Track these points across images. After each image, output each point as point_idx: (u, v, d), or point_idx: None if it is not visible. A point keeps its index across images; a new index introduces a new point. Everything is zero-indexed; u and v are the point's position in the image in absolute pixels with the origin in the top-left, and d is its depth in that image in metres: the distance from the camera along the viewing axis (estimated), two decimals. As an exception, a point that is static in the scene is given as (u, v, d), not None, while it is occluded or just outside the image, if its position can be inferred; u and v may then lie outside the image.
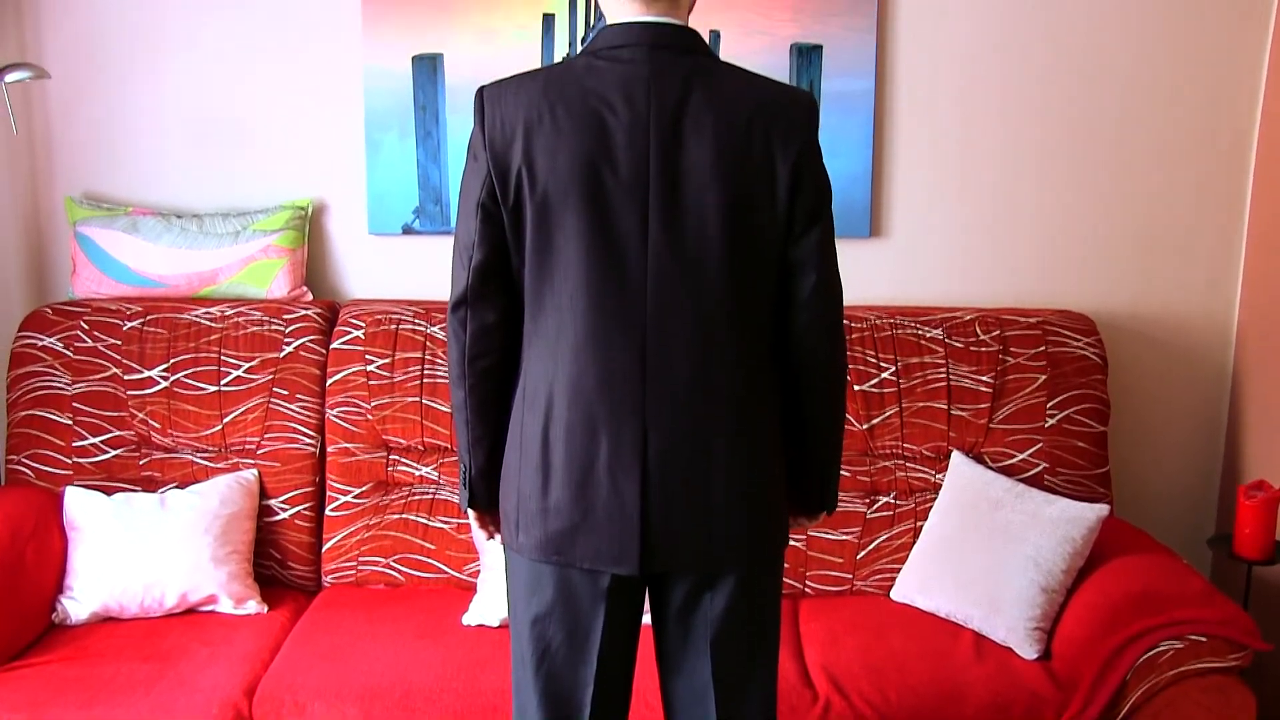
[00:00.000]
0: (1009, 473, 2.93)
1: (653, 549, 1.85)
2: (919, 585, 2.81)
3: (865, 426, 2.96)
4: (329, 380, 2.99)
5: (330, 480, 2.97)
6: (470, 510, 2.03)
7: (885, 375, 2.97)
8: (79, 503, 2.83)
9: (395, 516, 2.93)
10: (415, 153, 3.18)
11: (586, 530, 1.85)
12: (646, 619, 2.01)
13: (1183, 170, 3.17)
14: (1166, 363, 3.24)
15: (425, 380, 2.95)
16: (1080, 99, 3.14)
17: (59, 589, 2.76)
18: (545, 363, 1.86)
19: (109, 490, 2.90)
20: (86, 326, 3.01)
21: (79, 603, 2.73)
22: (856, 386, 2.95)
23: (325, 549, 2.95)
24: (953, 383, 2.96)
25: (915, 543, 2.88)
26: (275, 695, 2.46)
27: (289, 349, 3.00)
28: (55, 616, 2.73)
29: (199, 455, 2.98)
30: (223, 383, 2.98)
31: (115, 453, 2.97)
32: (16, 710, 2.38)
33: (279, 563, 2.95)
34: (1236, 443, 3.21)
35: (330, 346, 3.01)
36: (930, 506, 2.91)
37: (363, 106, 3.17)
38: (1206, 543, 3.05)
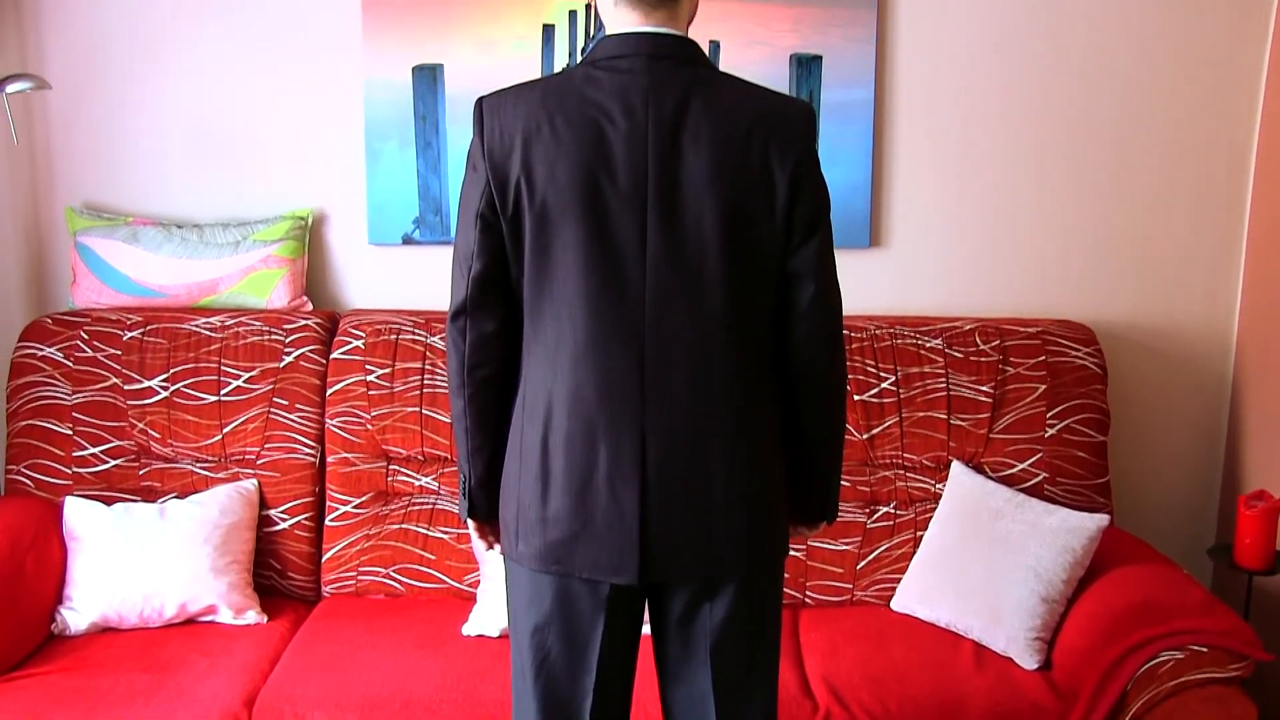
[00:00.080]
0: (1009, 483, 2.93)
1: (652, 558, 1.84)
2: (919, 595, 2.81)
3: (865, 436, 2.96)
4: (329, 390, 2.99)
5: (330, 490, 2.97)
6: (470, 520, 2.03)
7: (885, 385, 2.97)
8: (79, 513, 2.83)
9: (395, 526, 2.93)
10: (415, 163, 3.19)
11: (586, 540, 1.84)
12: (646, 629, 2.00)
13: (1182, 180, 3.17)
14: (1166, 372, 3.24)
15: (425, 390, 2.95)
16: (1079, 107, 3.15)
17: (58, 599, 2.75)
18: (544, 372, 1.86)
19: (109, 500, 2.90)
20: (86, 336, 3.01)
21: (78, 613, 2.73)
22: (856, 396, 2.95)
23: (325, 559, 2.95)
24: (953, 393, 2.97)
25: (915, 553, 2.88)
26: (275, 706, 2.45)
27: (289, 359, 3.00)
28: (54, 627, 2.72)
29: (199, 465, 2.98)
30: (223, 393, 2.98)
31: (115, 463, 2.97)
32: (15, 721, 2.38)
33: (279, 573, 2.95)
34: (1236, 452, 3.21)
35: (330, 356, 3.01)
36: (930, 516, 2.91)
37: (363, 117, 3.18)
38: (1207, 553, 3.04)
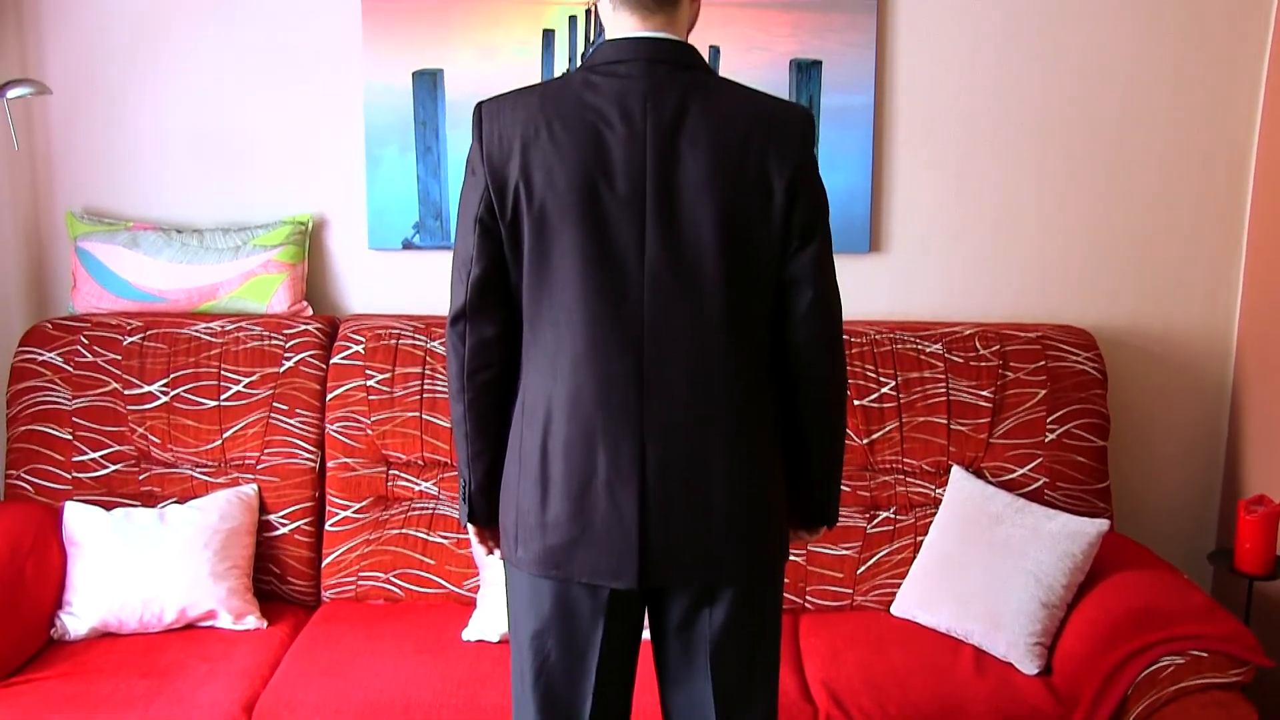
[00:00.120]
0: (1009, 487, 2.92)
1: (651, 563, 1.84)
2: (919, 600, 2.81)
3: (865, 441, 2.95)
4: (329, 395, 2.98)
5: (330, 495, 2.97)
6: (470, 525, 2.03)
7: (885, 390, 2.97)
8: (78, 518, 2.83)
9: (395, 531, 2.93)
10: (415, 168, 3.19)
11: (585, 544, 1.84)
12: (647, 634, 2.00)
13: (1181, 184, 3.17)
14: (1166, 377, 3.24)
15: (425, 395, 2.95)
16: (1078, 112, 3.15)
17: (58, 604, 2.75)
18: (544, 376, 1.86)
19: (108, 505, 2.90)
20: (86, 341, 3.01)
21: (78, 618, 2.72)
22: (856, 401, 2.95)
23: (325, 564, 2.94)
24: (953, 397, 2.96)
25: (915, 558, 2.88)
26: (274, 711, 2.45)
27: (289, 364, 3.00)
28: (54, 632, 2.72)
29: (199, 470, 2.98)
30: (222, 398, 2.98)
31: (115, 468, 2.97)
32: (15, 726, 2.38)
33: (278, 578, 2.95)
34: (1237, 457, 3.20)
35: (330, 361, 3.01)
36: (930, 521, 2.90)
37: (363, 122, 3.18)
38: (1207, 558, 3.04)
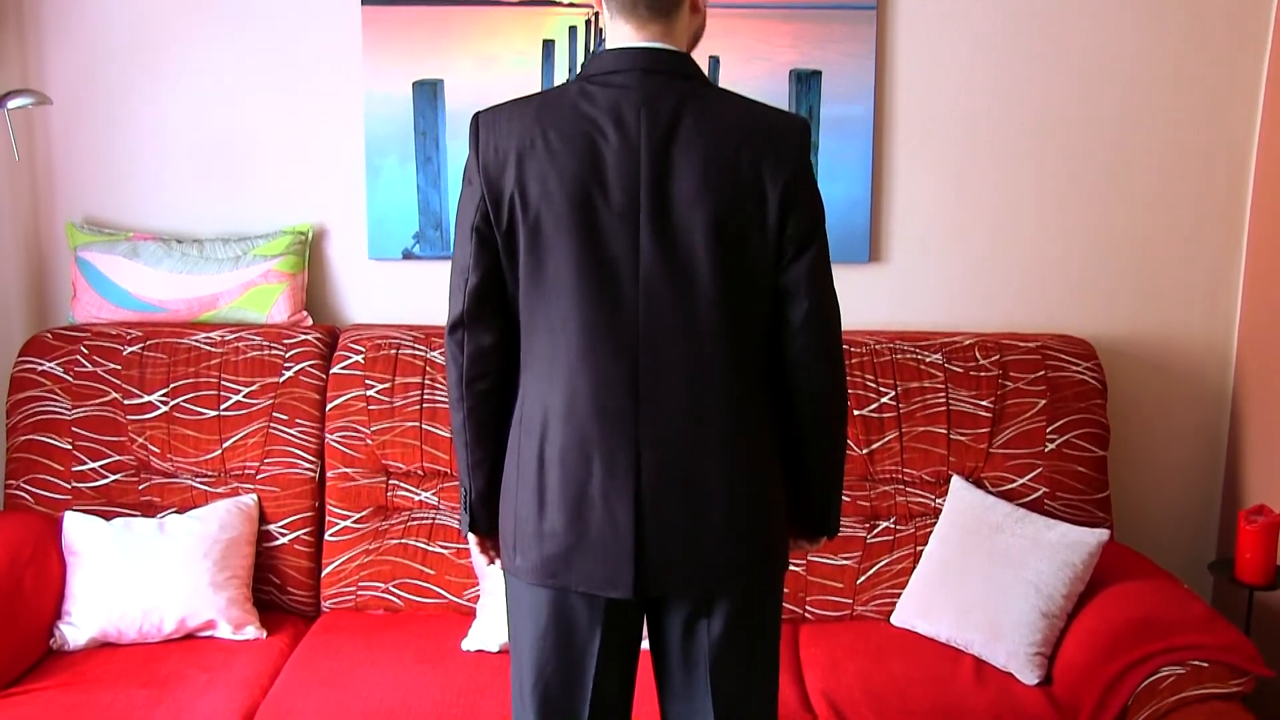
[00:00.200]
0: (1009, 497, 2.92)
1: (648, 573, 1.84)
2: (919, 610, 2.80)
3: (865, 451, 2.95)
4: (329, 405, 2.99)
5: (330, 505, 2.97)
6: (471, 535, 2.03)
7: (885, 400, 2.97)
8: (78, 527, 2.83)
9: (395, 541, 2.93)
10: (415, 178, 3.19)
11: (581, 553, 1.84)
12: (646, 644, 2.00)
13: (1180, 193, 3.18)
14: (1166, 387, 3.24)
15: (425, 405, 2.95)
16: (1077, 122, 3.15)
17: (57, 614, 2.75)
18: (540, 385, 1.86)
19: (108, 515, 2.90)
20: (86, 351, 3.01)
21: (77, 628, 2.72)
22: (856, 411, 2.95)
23: (324, 574, 2.94)
24: (952, 407, 2.97)
25: (915, 568, 2.87)
26: (274, 721, 2.45)
27: (289, 374, 3.00)
28: (53, 642, 2.72)
29: (198, 480, 2.98)
30: (222, 407, 2.98)
31: (114, 477, 2.97)
32: (14, 737, 2.38)
33: (278, 588, 2.94)
34: (1237, 467, 3.20)
35: (330, 371, 3.01)
36: (930, 531, 2.90)
37: (363, 132, 3.18)
38: (1207, 567, 3.04)
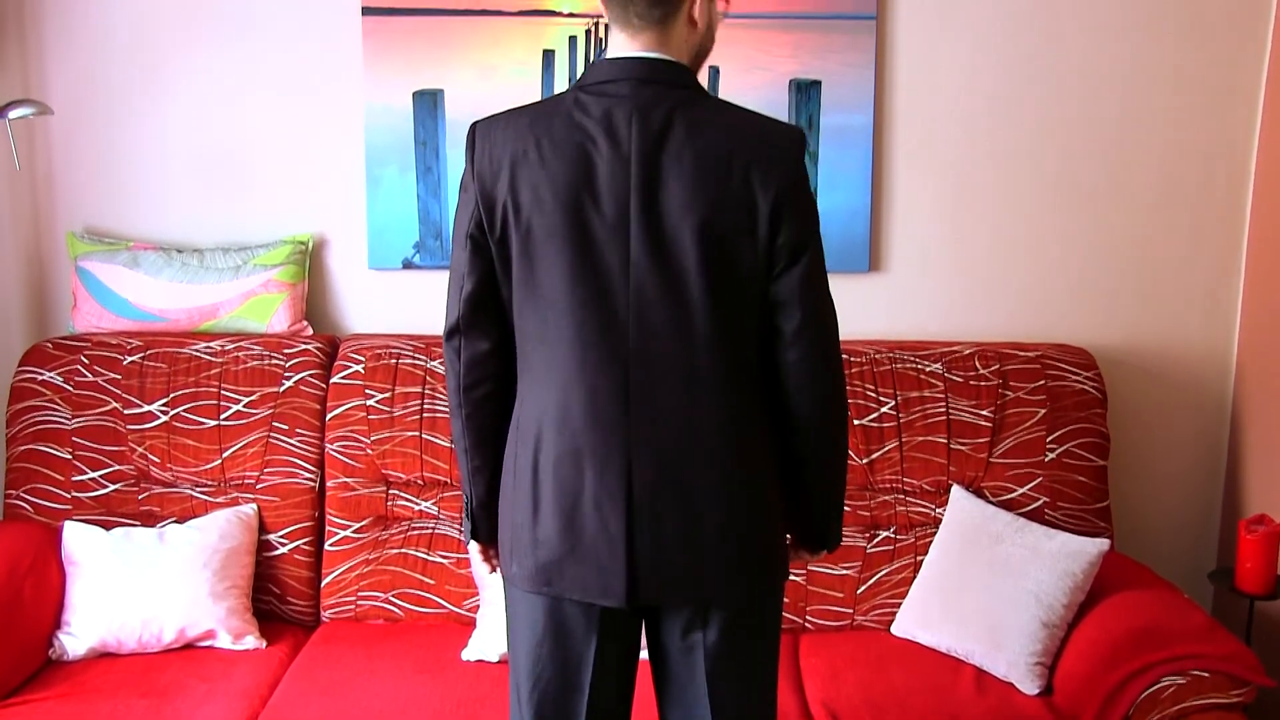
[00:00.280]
0: (1009, 507, 2.92)
1: (641, 581, 1.84)
2: (920, 620, 2.80)
3: (865, 461, 2.95)
4: (329, 415, 2.98)
5: (329, 515, 2.96)
6: (472, 542, 2.03)
7: (885, 410, 2.97)
8: (77, 537, 2.83)
9: (394, 551, 2.93)
10: (415, 188, 3.20)
11: (575, 561, 1.84)
12: (645, 653, 2.00)
13: (1180, 202, 3.18)
14: (1166, 396, 3.24)
15: (425, 415, 2.95)
16: (1077, 131, 3.16)
17: (56, 624, 2.74)
18: (535, 393, 1.87)
19: (108, 525, 2.89)
20: (86, 361, 3.01)
21: (76, 638, 2.72)
22: (856, 421, 2.95)
23: (324, 584, 2.94)
24: (952, 417, 2.96)
25: (916, 577, 2.87)
26: (273, 732, 2.45)
27: (289, 383, 3.00)
28: (52, 652, 2.71)
29: (198, 490, 2.98)
30: (222, 417, 2.97)
31: (114, 487, 2.97)
32: (13, 747, 2.37)
33: (278, 598, 2.94)
34: (1237, 476, 3.20)
35: (330, 381, 3.01)
36: (930, 541, 2.90)
37: (363, 142, 3.19)
38: (1208, 577, 3.04)
